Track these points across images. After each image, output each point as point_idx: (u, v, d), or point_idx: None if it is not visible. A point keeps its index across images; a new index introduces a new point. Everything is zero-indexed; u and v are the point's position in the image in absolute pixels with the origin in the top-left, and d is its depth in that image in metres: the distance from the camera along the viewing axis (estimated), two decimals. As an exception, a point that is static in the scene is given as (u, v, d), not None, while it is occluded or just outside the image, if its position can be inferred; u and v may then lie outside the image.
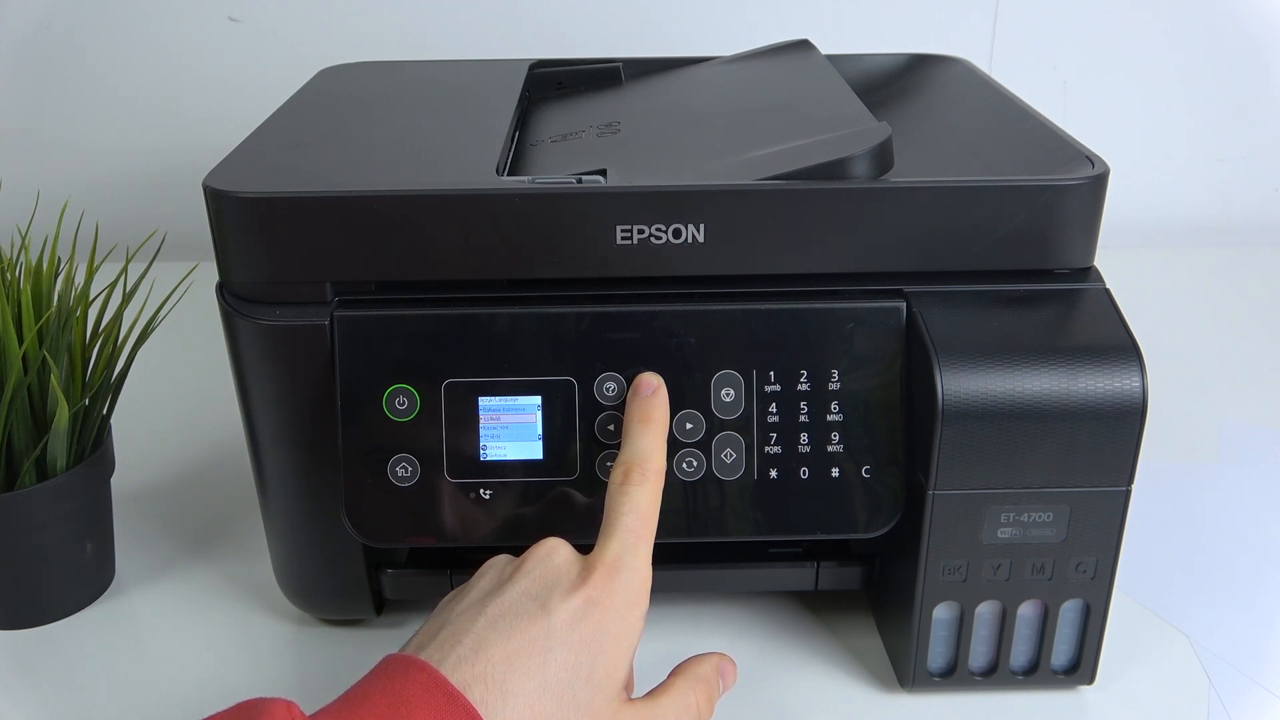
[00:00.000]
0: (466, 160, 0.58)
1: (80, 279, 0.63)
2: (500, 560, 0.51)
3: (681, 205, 0.52)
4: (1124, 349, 0.52)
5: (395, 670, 0.44)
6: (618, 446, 0.54)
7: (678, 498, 0.55)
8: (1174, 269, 1.11)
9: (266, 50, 1.09)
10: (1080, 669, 0.57)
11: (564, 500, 0.55)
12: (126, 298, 0.65)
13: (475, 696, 0.43)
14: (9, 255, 0.63)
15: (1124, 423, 0.51)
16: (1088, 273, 0.56)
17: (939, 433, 0.51)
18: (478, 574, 0.51)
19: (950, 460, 0.52)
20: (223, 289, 0.56)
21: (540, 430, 0.55)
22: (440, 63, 0.80)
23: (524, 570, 0.49)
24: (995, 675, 0.57)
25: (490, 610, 0.47)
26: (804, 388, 0.55)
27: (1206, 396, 0.87)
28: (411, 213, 0.52)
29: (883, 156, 0.54)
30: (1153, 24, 1.10)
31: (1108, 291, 0.55)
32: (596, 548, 0.49)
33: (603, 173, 0.56)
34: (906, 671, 0.57)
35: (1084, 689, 0.58)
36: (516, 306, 0.54)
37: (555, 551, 0.50)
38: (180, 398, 0.88)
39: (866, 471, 0.55)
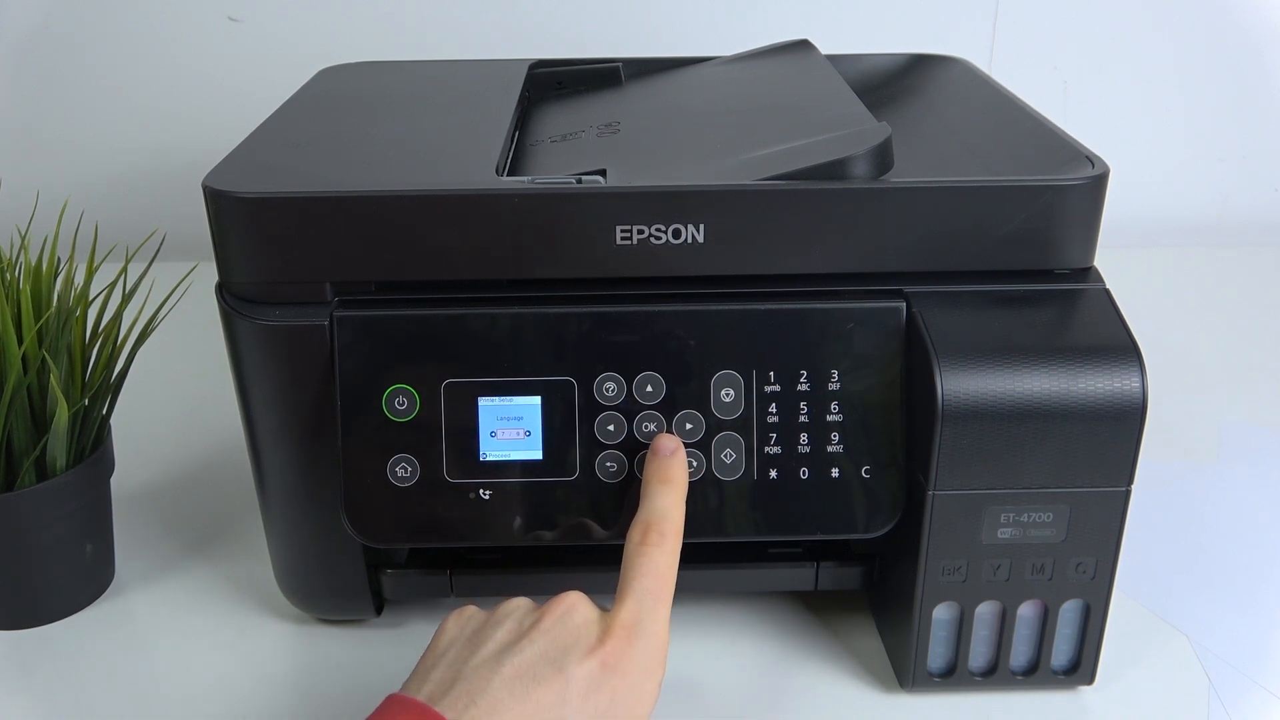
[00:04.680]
0: (466, 160, 0.58)
1: (80, 279, 0.63)
2: (520, 608, 0.50)
3: (681, 205, 0.52)
4: (1124, 349, 0.52)
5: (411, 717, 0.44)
6: (618, 447, 0.54)
7: (678, 498, 0.55)
8: (1174, 269, 1.11)
9: (266, 50, 1.09)
10: (1080, 669, 0.57)
11: (564, 500, 0.55)
12: (126, 298, 0.65)
13: None
14: (9, 255, 0.63)
15: (1124, 423, 0.51)
16: (1088, 273, 0.56)
17: (939, 433, 0.51)
18: (494, 619, 0.49)
19: (950, 460, 0.52)
20: (222, 289, 0.56)
21: (540, 430, 0.55)
22: (440, 63, 0.80)
23: (542, 628, 0.48)
24: (995, 675, 0.57)
25: (505, 670, 0.46)
26: (804, 388, 0.55)
27: (1206, 396, 0.87)
28: (411, 213, 0.52)
29: (883, 156, 0.54)
30: (1153, 24, 1.10)
31: (1108, 291, 0.55)
32: (614, 608, 0.49)
33: (603, 173, 0.56)
34: (906, 671, 0.57)
35: (1084, 689, 0.58)
36: (516, 306, 0.54)
37: (574, 609, 0.49)
38: (180, 398, 0.88)
39: (866, 472, 0.55)
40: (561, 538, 0.55)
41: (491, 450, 0.55)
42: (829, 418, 0.55)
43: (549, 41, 1.08)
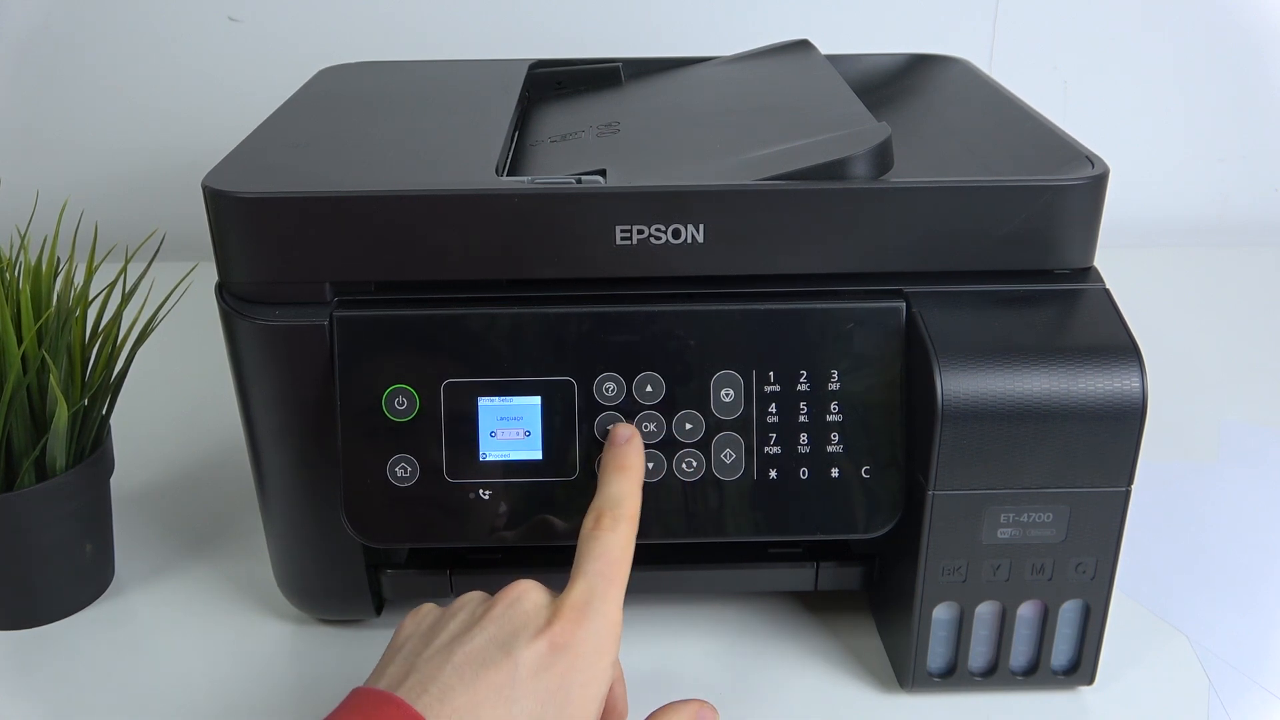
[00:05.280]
0: (466, 160, 0.58)
1: (79, 279, 0.63)
2: (473, 599, 0.50)
3: (681, 205, 0.52)
4: (1124, 349, 0.52)
5: (372, 703, 0.44)
6: (617, 446, 0.54)
7: (677, 498, 0.55)
8: (1174, 269, 1.11)
9: (266, 50, 1.09)
10: (1080, 669, 0.57)
11: (563, 500, 0.55)
12: (126, 298, 0.65)
13: None
14: (9, 255, 0.63)
15: (1124, 423, 0.51)
16: (1088, 273, 0.56)
17: (939, 433, 0.51)
18: (449, 612, 0.50)
19: (950, 460, 0.52)
20: (222, 289, 0.56)
21: (540, 430, 0.55)
22: (440, 63, 0.80)
23: (492, 615, 0.48)
24: (995, 675, 0.57)
25: (456, 657, 0.46)
26: (803, 388, 0.55)
27: (1206, 396, 0.87)
28: (411, 213, 0.52)
29: (882, 156, 0.54)
30: (1153, 24, 1.10)
31: (1108, 291, 0.55)
32: (565, 590, 0.49)
33: (602, 173, 0.56)
34: (906, 672, 0.57)
35: (1084, 689, 0.58)
36: (516, 306, 0.54)
37: (525, 594, 0.49)
38: (180, 398, 0.88)
39: (866, 472, 0.55)
40: (561, 537, 0.55)
41: (491, 450, 0.55)
42: (829, 418, 0.55)
43: (549, 41, 1.08)
